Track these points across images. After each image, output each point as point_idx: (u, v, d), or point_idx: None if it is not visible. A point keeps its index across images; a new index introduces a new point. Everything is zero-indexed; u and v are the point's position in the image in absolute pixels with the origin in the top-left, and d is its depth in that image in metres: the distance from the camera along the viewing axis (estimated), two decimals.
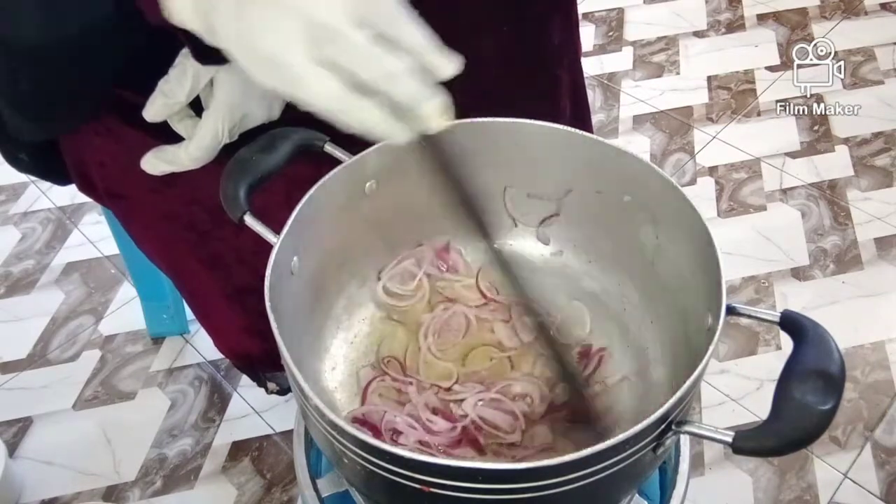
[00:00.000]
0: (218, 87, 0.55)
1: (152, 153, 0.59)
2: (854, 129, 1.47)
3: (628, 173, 0.57)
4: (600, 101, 1.56)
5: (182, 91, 0.55)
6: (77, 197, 1.39)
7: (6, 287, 1.27)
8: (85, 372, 1.14)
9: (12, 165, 0.69)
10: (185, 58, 0.55)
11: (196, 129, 0.56)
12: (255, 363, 0.89)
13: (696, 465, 1.00)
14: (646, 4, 1.80)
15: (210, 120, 0.56)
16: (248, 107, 0.57)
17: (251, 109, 0.57)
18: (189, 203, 0.67)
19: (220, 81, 0.55)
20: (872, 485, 0.98)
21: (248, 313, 0.76)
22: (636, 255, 0.61)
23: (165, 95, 0.55)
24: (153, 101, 0.56)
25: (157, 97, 0.56)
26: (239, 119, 0.57)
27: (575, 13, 0.76)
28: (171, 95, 0.55)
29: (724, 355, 1.13)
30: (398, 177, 0.59)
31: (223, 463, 1.03)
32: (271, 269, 0.49)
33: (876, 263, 1.24)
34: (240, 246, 0.70)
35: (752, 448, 0.41)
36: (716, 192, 1.37)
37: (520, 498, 0.42)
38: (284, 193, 0.55)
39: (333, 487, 0.63)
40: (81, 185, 0.72)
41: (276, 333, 0.46)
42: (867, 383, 1.09)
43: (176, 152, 0.57)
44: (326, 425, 0.44)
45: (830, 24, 1.71)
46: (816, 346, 0.44)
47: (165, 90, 0.55)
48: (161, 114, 0.56)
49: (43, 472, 1.03)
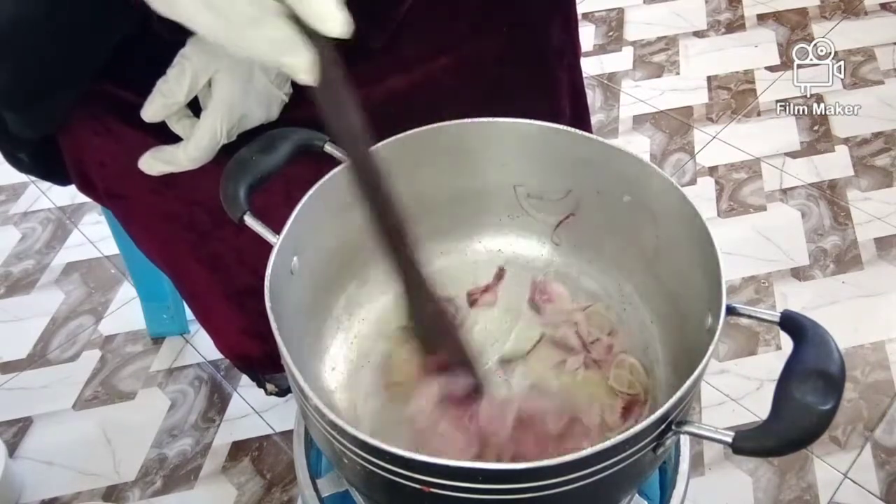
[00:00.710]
0: (216, 87, 0.55)
1: (150, 154, 0.58)
2: (854, 129, 1.47)
3: (628, 173, 0.57)
4: (600, 101, 1.56)
5: (181, 91, 0.55)
6: (77, 197, 1.39)
7: (6, 287, 1.27)
8: (85, 372, 1.14)
9: (13, 165, 0.69)
10: (183, 58, 0.55)
11: (194, 130, 0.56)
12: (255, 364, 0.89)
13: (696, 465, 1.00)
14: (646, 4, 1.80)
15: (208, 120, 0.56)
16: (246, 107, 0.57)
17: (250, 110, 0.57)
18: (189, 203, 0.67)
19: (218, 81, 0.55)
20: (872, 485, 0.98)
21: (247, 314, 0.76)
22: (636, 255, 0.61)
23: (164, 96, 0.55)
24: (152, 102, 0.56)
25: (155, 97, 0.56)
26: (237, 119, 0.57)
27: (574, 14, 0.76)
28: (169, 95, 0.55)
29: (724, 355, 1.13)
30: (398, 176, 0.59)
31: (223, 463, 1.03)
32: (271, 269, 0.49)
33: (876, 263, 1.24)
34: (239, 247, 0.70)
35: (752, 448, 0.41)
36: (716, 192, 1.37)
37: (520, 498, 0.42)
38: (284, 193, 0.55)
39: (333, 487, 0.63)
40: (81, 185, 0.72)
41: (276, 333, 0.46)
42: (867, 383, 1.09)
43: (174, 153, 0.57)
44: (326, 425, 0.44)
45: (830, 24, 1.71)
46: (816, 346, 0.44)
47: (164, 90, 0.55)
48: (160, 114, 0.56)
49: (43, 472, 1.03)
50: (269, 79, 0.57)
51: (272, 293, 0.48)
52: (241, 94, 0.56)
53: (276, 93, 0.58)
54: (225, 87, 0.55)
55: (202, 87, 0.56)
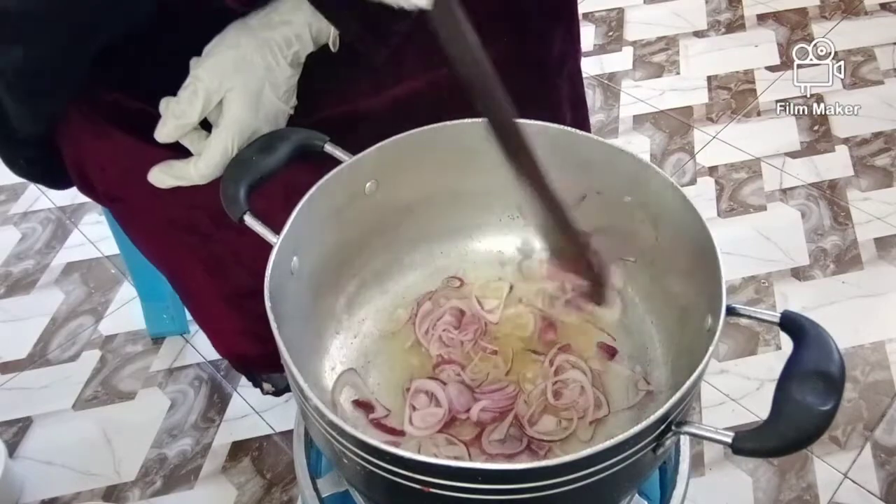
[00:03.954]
0: (228, 106, 0.55)
1: (160, 168, 0.58)
2: (854, 129, 1.47)
3: (628, 173, 0.57)
4: (600, 101, 1.56)
5: (194, 112, 0.55)
6: (77, 197, 1.39)
7: (6, 287, 1.27)
8: (85, 372, 1.14)
9: (13, 171, 0.68)
10: (195, 79, 0.55)
11: (206, 147, 0.56)
12: (253, 365, 0.89)
13: (696, 465, 1.00)
14: (646, 4, 1.80)
15: (220, 138, 0.56)
16: (256, 126, 0.57)
17: (259, 127, 0.57)
18: (188, 207, 0.67)
19: (230, 101, 0.55)
20: (872, 485, 0.98)
21: (245, 316, 0.76)
22: (636, 255, 0.61)
23: (177, 117, 0.55)
24: (165, 124, 0.56)
25: (168, 119, 0.56)
26: (247, 138, 0.57)
27: (577, 24, 0.76)
28: (182, 117, 0.55)
29: (724, 355, 1.13)
30: (398, 177, 0.59)
31: (223, 463, 1.03)
32: (271, 269, 0.49)
33: (876, 263, 1.24)
34: (238, 249, 0.70)
35: (752, 448, 0.41)
36: (716, 192, 1.37)
37: (520, 498, 0.42)
38: (284, 194, 0.55)
39: (333, 487, 0.63)
40: (81, 186, 0.72)
41: (276, 334, 0.46)
42: (867, 383, 1.09)
43: (184, 168, 0.57)
44: (326, 425, 0.44)
45: (830, 24, 1.71)
46: (816, 346, 0.44)
47: (177, 112, 0.55)
48: (173, 135, 0.56)
49: (43, 472, 1.03)
50: (278, 95, 0.57)
51: (272, 293, 0.48)
52: (252, 113, 0.56)
53: (283, 108, 0.59)
54: (237, 106, 0.55)
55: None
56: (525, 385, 0.58)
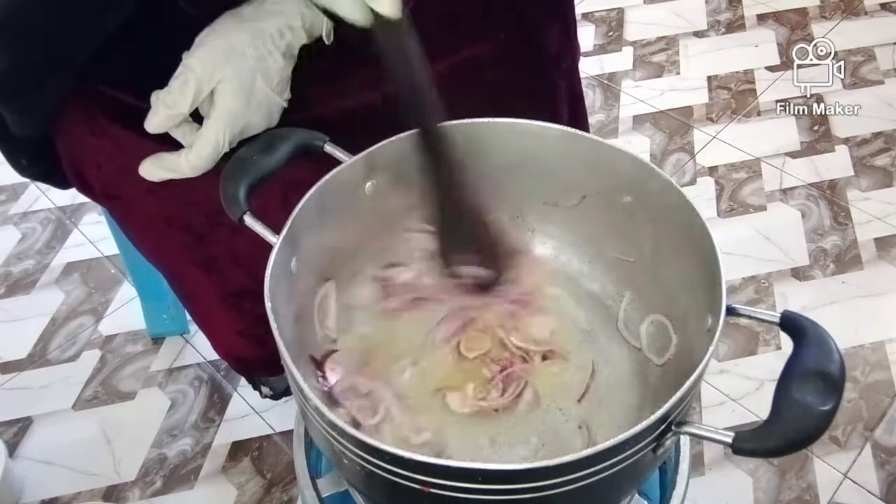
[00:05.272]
0: (219, 97, 0.55)
1: (151, 161, 0.58)
2: (854, 129, 1.47)
3: (628, 173, 0.57)
4: (600, 101, 1.56)
5: (185, 102, 0.55)
6: (77, 197, 1.39)
7: (6, 287, 1.27)
8: (85, 372, 1.14)
9: (16, 169, 0.68)
10: (186, 69, 0.54)
11: (196, 138, 0.56)
12: (251, 367, 0.89)
13: (696, 465, 1.00)
14: (646, 4, 1.80)
15: (211, 129, 0.55)
16: (249, 117, 0.57)
17: (251, 119, 0.57)
18: (185, 205, 0.67)
19: (221, 92, 0.55)
20: (872, 485, 0.98)
21: (243, 317, 0.76)
22: (636, 255, 0.61)
23: (168, 107, 0.55)
24: (155, 113, 0.56)
25: (159, 109, 0.55)
26: (240, 129, 0.57)
27: (573, 22, 0.76)
28: (173, 107, 0.55)
29: (724, 355, 1.12)
30: (398, 177, 0.59)
31: (223, 463, 1.03)
32: (271, 269, 0.49)
33: (876, 263, 1.24)
34: (235, 249, 0.70)
35: (752, 449, 0.41)
36: (716, 192, 1.37)
37: (520, 498, 0.42)
38: (283, 194, 0.55)
39: (333, 487, 0.63)
40: (79, 185, 0.72)
41: (276, 334, 0.46)
42: (867, 383, 1.09)
43: (175, 160, 0.57)
44: (326, 425, 0.44)
45: (830, 24, 1.71)
46: (816, 346, 0.44)
47: (168, 102, 0.55)
48: (163, 126, 0.56)
49: (43, 472, 1.03)
50: (270, 87, 0.57)
51: (272, 293, 0.48)
52: (244, 104, 0.56)
53: (276, 100, 0.58)
54: (228, 97, 0.55)
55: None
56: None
